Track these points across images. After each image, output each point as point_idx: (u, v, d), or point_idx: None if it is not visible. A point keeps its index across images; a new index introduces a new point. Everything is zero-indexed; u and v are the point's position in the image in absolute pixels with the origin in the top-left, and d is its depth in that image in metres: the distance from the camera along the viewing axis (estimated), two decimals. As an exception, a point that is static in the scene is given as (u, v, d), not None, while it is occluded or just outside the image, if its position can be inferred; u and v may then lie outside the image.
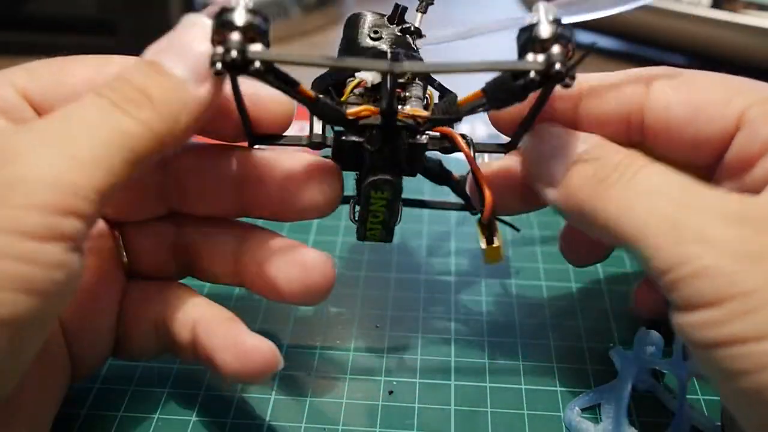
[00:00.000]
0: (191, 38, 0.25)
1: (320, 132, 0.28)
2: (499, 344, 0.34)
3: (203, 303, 0.29)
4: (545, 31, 0.23)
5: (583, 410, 0.31)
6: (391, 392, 0.32)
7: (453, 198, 0.35)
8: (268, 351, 0.26)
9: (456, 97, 0.28)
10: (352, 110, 0.26)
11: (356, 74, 0.28)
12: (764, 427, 0.21)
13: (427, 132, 0.28)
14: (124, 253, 0.30)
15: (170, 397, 0.31)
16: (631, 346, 0.31)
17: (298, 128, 0.30)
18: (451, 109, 0.27)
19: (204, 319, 0.28)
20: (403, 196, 0.28)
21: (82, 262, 0.22)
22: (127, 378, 0.32)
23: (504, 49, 0.28)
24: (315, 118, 0.28)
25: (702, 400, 0.31)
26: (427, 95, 0.29)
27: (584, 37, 0.70)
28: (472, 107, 0.26)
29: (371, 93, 0.28)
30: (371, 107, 0.26)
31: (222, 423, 0.30)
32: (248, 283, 0.30)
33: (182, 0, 0.61)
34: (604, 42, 0.69)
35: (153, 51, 0.25)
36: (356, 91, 0.28)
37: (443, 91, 0.29)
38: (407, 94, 0.28)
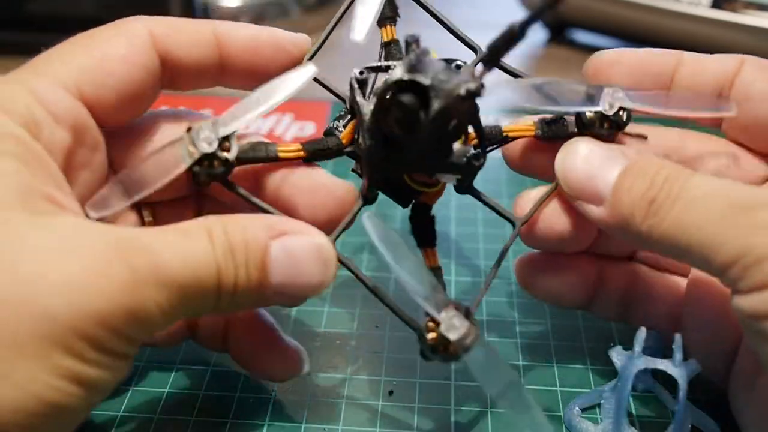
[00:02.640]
0: (310, 261, 0.25)
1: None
2: (500, 344, 0.34)
3: None
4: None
5: (583, 410, 0.31)
6: (391, 392, 0.32)
7: None
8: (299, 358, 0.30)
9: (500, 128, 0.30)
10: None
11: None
12: None
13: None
14: None
15: (170, 397, 0.31)
16: (631, 346, 0.31)
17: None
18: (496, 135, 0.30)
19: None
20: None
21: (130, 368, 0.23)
22: (127, 378, 0.32)
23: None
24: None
25: (702, 400, 0.31)
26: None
27: (584, 38, 0.70)
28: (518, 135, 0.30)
29: None
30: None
31: (222, 423, 0.30)
32: None
33: (182, 0, 0.61)
34: (605, 42, 0.69)
35: (281, 229, 0.25)
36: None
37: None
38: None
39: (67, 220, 0.22)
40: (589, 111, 0.28)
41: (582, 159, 0.28)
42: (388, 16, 0.30)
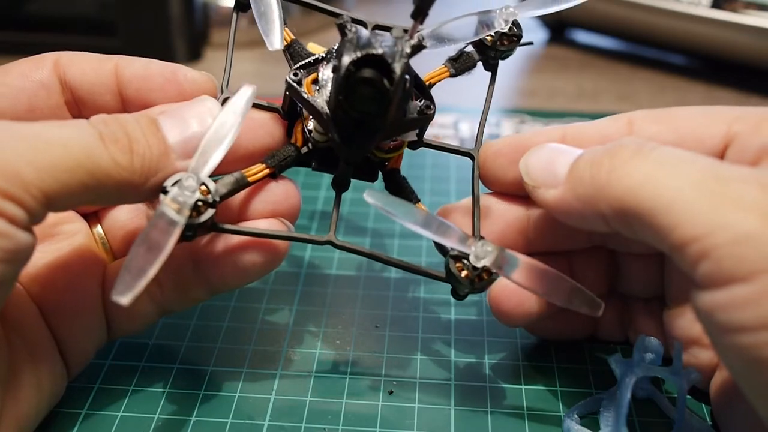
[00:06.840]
0: (196, 115, 0.27)
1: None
2: (499, 344, 0.34)
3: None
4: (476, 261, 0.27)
5: (581, 417, 0.30)
6: (391, 392, 0.32)
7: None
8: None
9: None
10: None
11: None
12: None
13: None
14: (104, 235, 0.31)
15: (170, 397, 0.31)
16: (631, 353, 0.31)
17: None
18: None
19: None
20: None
21: (33, 241, 0.23)
22: (127, 377, 0.32)
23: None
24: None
25: (703, 407, 0.31)
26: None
27: (585, 38, 0.70)
28: None
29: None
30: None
31: (222, 423, 0.30)
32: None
33: (182, 0, 0.61)
34: (604, 42, 0.69)
35: (160, 110, 0.27)
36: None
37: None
38: None
39: None
40: (488, 36, 0.30)
41: (544, 152, 0.28)
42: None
